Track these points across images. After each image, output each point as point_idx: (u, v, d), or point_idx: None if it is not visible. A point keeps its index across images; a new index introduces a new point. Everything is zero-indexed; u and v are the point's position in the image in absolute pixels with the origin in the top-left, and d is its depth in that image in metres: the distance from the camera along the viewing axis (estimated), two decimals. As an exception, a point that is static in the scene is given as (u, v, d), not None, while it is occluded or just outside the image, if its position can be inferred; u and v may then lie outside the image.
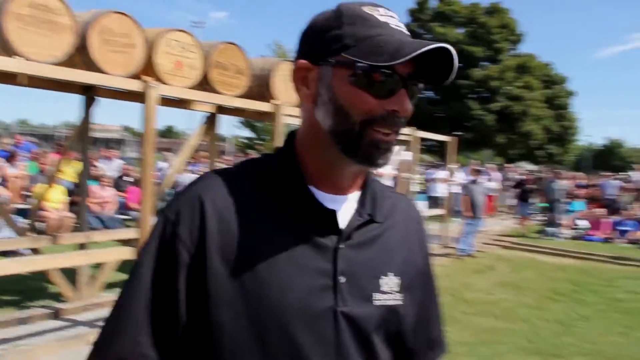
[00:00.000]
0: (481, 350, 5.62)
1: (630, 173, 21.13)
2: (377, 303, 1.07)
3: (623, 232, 14.61)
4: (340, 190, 1.10)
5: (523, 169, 28.41)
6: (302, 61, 1.05)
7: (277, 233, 1.01)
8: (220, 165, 17.61)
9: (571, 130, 46.89)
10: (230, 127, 41.92)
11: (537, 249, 12.57)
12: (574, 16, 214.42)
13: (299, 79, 1.06)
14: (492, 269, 10.09)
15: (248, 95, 7.51)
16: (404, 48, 0.93)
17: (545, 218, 15.09)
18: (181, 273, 0.98)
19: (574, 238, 14.75)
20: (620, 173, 27.57)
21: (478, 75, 33.53)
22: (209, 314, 0.98)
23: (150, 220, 5.88)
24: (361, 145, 1.00)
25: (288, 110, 7.89)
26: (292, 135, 1.13)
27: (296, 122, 9.20)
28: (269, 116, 7.85)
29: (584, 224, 15.28)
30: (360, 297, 1.05)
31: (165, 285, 0.99)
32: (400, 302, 1.11)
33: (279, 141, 7.87)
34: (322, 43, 1.02)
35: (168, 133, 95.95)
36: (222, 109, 7.72)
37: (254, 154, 23.97)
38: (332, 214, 1.04)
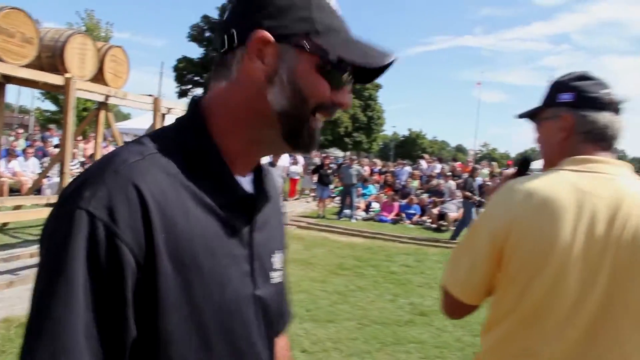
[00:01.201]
0: (261, 318, 6.00)
1: (421, 162, 23.21)
2: (273, 282, 1.10)
3: (409, 215, 16.12)
4: (248, 170, 1.08)
5: (330, 155, 29.84)
6: (264, 33, 0.97)
7: (211, 222, 0.95)
8: (7, 137, 16.40)
9: (377, 120, 50.30)
10: (34, 100, 38.80)
11: (332, 229, 13.45)
12: (385, 16, 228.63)
13: (257, 50, 0.97)
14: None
15: (38, 65, 7.20)
16: (373, 54, 0.98)
17: (342, 201, 16.11)
18: (128, 281, 0.83)
19: (367, 219, 15.98)
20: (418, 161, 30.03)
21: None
22: (157, 322, 0.87)
23: None
24: (303, 131, 1.00)
25: (81, 84, 7.69)
26: (197, 107, 1.05)
27: (91, 96, 8.95)
28: (61, 89, 7.59)
29: (376, 206, 16.60)
30: (265, 278, 1.07)
31: (110, 299, 0.82)
32: (282, 277, 1.17)
33: (71, 115, 7.66)
34: (286, 20, 0.97)
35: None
36: (8, 78, 7.31)
37: (54, 129, 22.59)
38: (253, 200, 1.04)
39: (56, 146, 17.49)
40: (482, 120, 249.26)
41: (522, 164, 1.82)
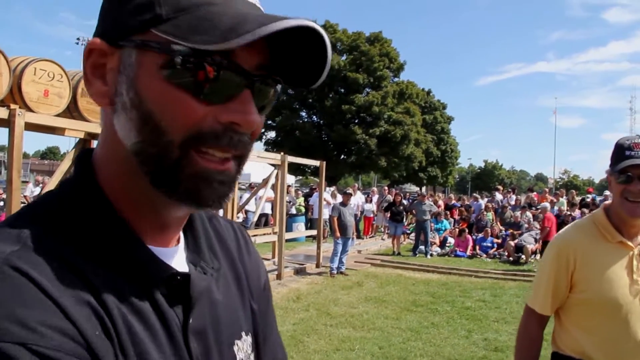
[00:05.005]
0: (334, 356, 6.13)
1: (495, 193, 22.74)
2: None
3: (486, 248, 15.86)
4: (169, 240, 0.77)
5: (401, 190, 29.77)
6: (94, 40, 0.69)
7: (136, 333, 0.64)
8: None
9: (451, 153, 49.94)
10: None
11: (406, 266, 13.40)
12: (454, 48, 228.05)
13: (91, 67, 0.69)
14: (360, 285, 10.71)
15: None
16: (246, 23, 0.60)
17: (416, 237, 16.05)
18: None
19: (443, 255, 15.82)
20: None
21: (360, 101, 35.04)
22: None
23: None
24: (181, 177, 0.66)
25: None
26: (86, 157, 0.74)
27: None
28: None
29: (451, 241, 16.44)
30: None
31: None
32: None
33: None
34: (125, 12, 0.66)
35: (51, 155, 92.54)
36: (93, 135, 7.88)
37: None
38: (187, 280, 0.72)
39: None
40: (561, 147, 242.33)
41: None
